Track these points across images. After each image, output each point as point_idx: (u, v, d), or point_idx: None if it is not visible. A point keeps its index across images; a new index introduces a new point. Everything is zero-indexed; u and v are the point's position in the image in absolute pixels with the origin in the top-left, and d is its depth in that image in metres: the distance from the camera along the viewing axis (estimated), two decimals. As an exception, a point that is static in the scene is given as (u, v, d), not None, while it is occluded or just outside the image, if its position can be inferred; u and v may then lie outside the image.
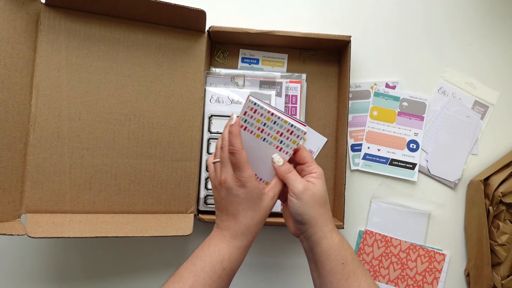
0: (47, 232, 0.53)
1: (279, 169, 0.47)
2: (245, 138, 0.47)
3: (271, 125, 0.47)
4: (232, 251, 0.45)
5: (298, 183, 0.46)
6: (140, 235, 0.56)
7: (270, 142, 0.48)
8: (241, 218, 0.46)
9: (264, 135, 0.47)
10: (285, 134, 0.47)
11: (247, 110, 0.46)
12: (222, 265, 0.44)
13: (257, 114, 0.46)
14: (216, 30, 0.66)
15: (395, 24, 0.75)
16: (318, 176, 0.47)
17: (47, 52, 0.58)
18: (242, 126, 0.47)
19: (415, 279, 0.70)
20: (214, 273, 0.44)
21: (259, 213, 0.46)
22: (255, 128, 0.47)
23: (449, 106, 0.73)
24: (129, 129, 0.62)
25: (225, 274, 0.44)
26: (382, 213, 0.71)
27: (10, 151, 0.54)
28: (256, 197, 0.45)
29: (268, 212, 0.47)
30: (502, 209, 0.67)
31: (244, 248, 0.46)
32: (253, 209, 0.46)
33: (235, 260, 0.45)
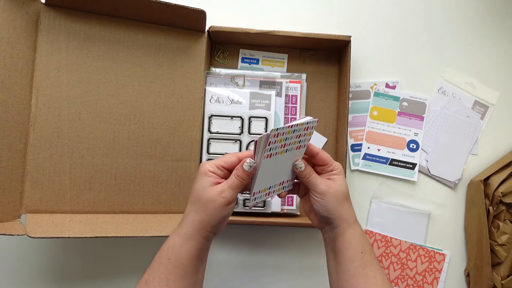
0: (47, 232, 0.53)
1: (301, 174, 0.49)
2: (270, 163, 0.46)
3: (291, 135, 0.46)
4: (175, 240, 0.46)
5: (320, 183, 0.48)
6: (140, 235, 0.56)
7: (291, 149, 0.48)
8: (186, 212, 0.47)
9: (287, 147, 0.47)
10: (302, 133, 0.48)
11: (271, 139, 0.44)
12: (168, 254, 0.45)
13: (280, 136, 0.45)
14: (216, 30, 0.66)
15: (395, 24, 0.75)
16: (339, 173, 0.49)
17: (47, 52, 0.58)
18: (268, 156, 0.45)
19: (415, 279, 0.70)
20: (160, 263, 0.45)
21: (204, 211, 0.45)
22: (278, 149, 0.46)
23: (449, 106, 0.73)
24: (129, 129, 0.62)
25: (171, 265, 0.44)
26: (382, 213, 0.71)
27: (10, 151, 0.54)
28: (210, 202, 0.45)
29: (214, 211, 0.45)
30: (502, 209, 0.67)
31: (188, 238, 0.45)
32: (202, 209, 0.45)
33: (177, 249, 0.45)
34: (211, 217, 0.45)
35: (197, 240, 0.45)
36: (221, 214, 0.45)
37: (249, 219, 0.64)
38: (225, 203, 0.45)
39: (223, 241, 0.70)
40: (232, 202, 0.46)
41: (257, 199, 0.49)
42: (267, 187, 0.49)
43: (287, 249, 0.71)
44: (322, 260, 0.70)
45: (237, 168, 0.46)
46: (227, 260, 0.70)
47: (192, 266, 0.45)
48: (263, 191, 0.49)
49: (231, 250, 0.70)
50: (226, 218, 0.47)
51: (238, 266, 0.70)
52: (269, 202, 0.66)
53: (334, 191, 0.47)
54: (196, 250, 0.45)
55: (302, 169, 0.49)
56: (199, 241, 0.45)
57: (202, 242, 0.46)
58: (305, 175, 0.49)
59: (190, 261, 0.45)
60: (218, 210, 0.45)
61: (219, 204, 0.45)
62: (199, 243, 0.45)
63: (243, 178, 0.46)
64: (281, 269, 0.70)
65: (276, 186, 0.50)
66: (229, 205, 0.45)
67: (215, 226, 0.46)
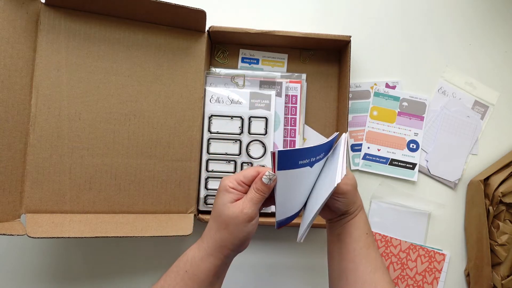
0: (47, 232, 0.53)
1: None
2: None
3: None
4: (195, 253, 0.45)
5: (342, 184, 0.47)
6: (140, 235, 0.56)
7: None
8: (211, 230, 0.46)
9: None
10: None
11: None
12: (186, 266, 0.44)
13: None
14: (216, 30, 0.66)
15: (395, 24, 0.75)
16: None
17: (47, 52, 0.58)
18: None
19: (415, 279, 0.70)
20: (177, 274, 0.44)
21: (226, 229, 0.44)
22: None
23: (449, 106, 0.73)
24: (129, 129, 0.62)
25: (188, 277, 0.43)
26: (382, 213, 0.71)
27: (10, 151, 0.54)
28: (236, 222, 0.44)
29: (236, 228, 0.44)
30: (502, 209, 0.67)
31: (209, 254, 0.44)
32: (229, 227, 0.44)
33: (196, 263, 0.44)
34: (233, 235, 0.43)
35: (217, 257, 0.44)
36: (243, 231, 0.43)
37: (249, 219, 0.64)
38: (247, 220, 0.43)
39: (223, 241, 0.70)
40: (253, 218, 0.44)
41: (305, 232, 0.46)
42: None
43: (287, 249, 0.70)
44: (322, 260, 0.70)
45: (256, 182, 0.44)
46: (227, 260, 0.70)
47: (208, 282, 0.44)
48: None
49: (231, 250, 0.70)
50: (250, 236, 0.45)
51: (237, 266, 0.70)
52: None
53: (350, 187, 0.48)
54: (215, 267, 0.44)
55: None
56: (219, 259, 0.44)
57: (222, 259, 0.44)
58: None
59: (207, 277, 0.44)
60: (240, 227, 0.43)
61: (241, 221, 0.43)
62: (219, 260, 0.44)
63: (263, 192, 0.44)
64: (281, 269, 0.70)
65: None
66: (251, 222, 0.44)
67: (237, 245, 0.44)
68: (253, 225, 0.44)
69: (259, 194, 0.44)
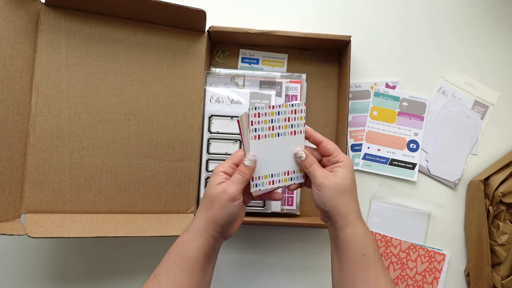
0: (47, 232, 0.53)
1: (302, 164, 0.49)
2: (262, 144, 0.48)
3: (277, 117, 0.48)
4: (184, 235, 0.47)
5: (319, 175, 0.47)
6: (140, 235, 0.56)
7: (283, 133, 0.49)
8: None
9: (276, 130, 0.48)
10: (291, 117, 0.49)
11: (253, 119, 0.47)
12: (177, 249, 0.46)
13: (262, 116, 0.47)
14: (216, 30, 0.66)
15: (395, 24, 0.75)
16: (344, 165, 0.48)
17: (47, 52, 0.58)
18: (256, 137, 0.47)
19: (415, 279, 0.70)
20: (170, 258, 0.46)
21: (211, 208, 0.46)
22: (266, 131, 0.48)
23: (449, 106, 0.73)
24: (129, 129, 0.62)
25: (179, 259, 0.45)
26: (382, 213, 0.71)
27: (10, 151, 0.54)
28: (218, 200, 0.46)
29: (219, 207, 0.46)
30: (502, 209, 0.67)
31: (196, 234, 0.46)
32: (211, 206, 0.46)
33: (185, 244, 0.46)
34: (217, 214, 0.45)
35: (204, 238, 0.46)
36: (226, 211, 0.45)
37: (249, 219, 0.64)
38: (229, 199, 0.45)
39: (223, 241, 0.70)
40: (235, 198, 0.45)
41: (259, 185, 0.49)
42: (269, 175, 0.49)
43: (287, 249, 0.70)
44: (322, 260, 0.70)
45: (240, 165, 0.47)
46: (227, 260, 0.70)
47: (199, 264, 0.45)
48: (264, 177, 0.49)
49: (231, 250, 0.70)
50: (232, 219, 0.47)
51: (238, 266, 0.70)
52: (269, 202, 0.66)
53: (332, 184, 0.46)
54: (204, 248, 0.46)
55: (302, 158, 0.49)
56: (206, 239, 0.46)
57: (209, 241, 0.46)
58: (305, 165, 0.49)
59: (197, 257, 0.45)
60: (223, 206, 0.45)
61: (224, 199, 0.45)
62: (206, 241, 0.46)
63: (244, 173, 0.47)
64: (281, 269, 0.70)
65: (281, 176, 0.50)
66: (233, 202, 0.45)
67: (221, 225, 0.46)
68: (236, 206, 0.46)
69: (241, 175, 0.46)
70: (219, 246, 0.49)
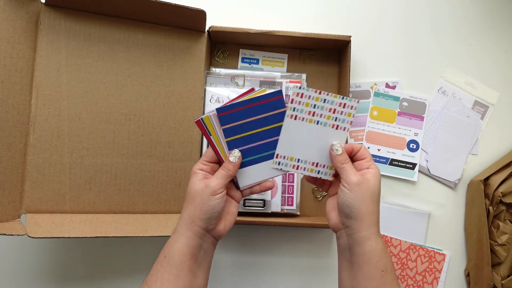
0: (47, 232, 0.53)
1: (336, 158, 0.47)
2: (298, 127, 0.47)
3: (322, 104, 0.46)
4: (170, 238, 0.46)
5: (353, 175, 0.45)
6: (140, 235, 0.56)
7: (324, 123, 0.47)
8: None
9: (317, 117, 0.47)
10: (338, 110, 0.47)
11: (294, 97, 0.46)
12: (164, 252, 0.45)
13: (305, 98, 0.46)
14: (216, 30, 0.66)
15: (395, 24, 0.75)
16: (375, 174, 0.46)
17: (47, 52, 0.58)
18: (292, 116, 0.46)
19: (415, 279, 0.70)
20: (158, 261, 0.45)
21: (192, 204, 0.46)
22: (305, 114, 0.47)
23: (449, 106, 0.73)
24: (129, 129, 0.62)
25: (166, 262, 0.44)
26: (382, 213, 0.71)
27: (10, 151, 0.54)
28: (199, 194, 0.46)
29: (201, 201, 0.45)
30: (502, 209, 0.67)
31: (180, 234, 0.45)
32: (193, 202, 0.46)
33: (171, 245, 0.45)
34: (198, 208, 0.45)
35: (187, 236, 0.45)
36: (208, 204, 0.44)
37: (249, 219, 0.64)
38: (210, 193, 0.44)
39: (222, 240, 0.70)
40: (217, 191, 0.45)
41: (281, 164, 0.48)
42: (295, 158, 0.48)
43: (287, 249, 0.70)
44: (322, 260, 0.70)
45: (226, 161, 0.47)
46: (227, 260, 0.70)
47: (186, 266, 0.44)
48: (289, 159, 0.48)
49: (231, 250, 0.70)
50: (215, 213, 0.45)
51: (238, 266, 0.70)
52: (269, 202, 0.66)
53: (365, 188, 0.44)
54: (188, 248, 0.44)
55: (338, 152, 0.47)
56: (189, 237, 0.45)
57: (194, 239, 0.45)
58: (340, 160, 0.46)
59: (183, 259, 0.44)
60: (205, 200, 0.44)
61: (205, 194, 0.45)
62: (190, 239, 0.45)
63: (229, 169, 0.46)
64: (281, 269, 0.70)
65: (308, 164, 0.48)
66: (215, 195, 0.45)
67: (203, 220, 0.45)
68: (217, 200, 0.45)
69: (225, 170, 0.46)
70: (209, 247, 0.47)
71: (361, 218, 0.43)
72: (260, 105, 0.47)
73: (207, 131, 0.48)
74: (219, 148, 0.48)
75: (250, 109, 0.47)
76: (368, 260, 0.43)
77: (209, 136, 0.48)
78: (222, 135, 0.47)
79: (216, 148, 0.48)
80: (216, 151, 0.48)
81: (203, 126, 0.47)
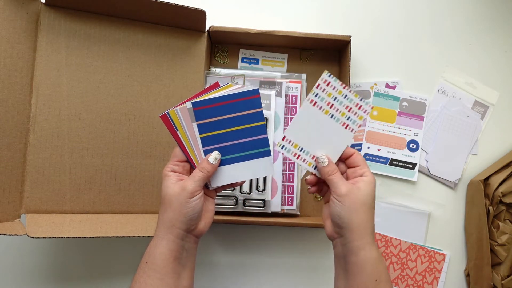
0: (47, 232, 0.53)
1: (323, 170, 0.47)
2: (313, 114, 0.46)
3: (342, 99, 0.46)
4: (151, 243, 0.45)
5: (342, 185, 0.45)
6: (140, 235, 0.56)
7: (337, 119, 0.47)
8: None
9: (333, 111, 0.47)
10: (353, 110, 0.47)
11: (321, 82, 0.46)
12: (145, 258, 0.45)
13: (330, 87, 0.46)
14: (216, 30, 0.66)
15: (395, 24, 0.75)
16: (368, 182, 0.45)
17: (47, 52, 0.58)
18: (312, 101, 0.46)
19: (415, 279, 0.70)
20: (140, 268, 0.45)
21: (170, 208, 0.45)
22: (324, 104, 0.46)
23: (449, 106, 0.73)
24: (129, 129, 0.62)
25: (148, 267, 0.44)
26: (382, 213, 0.71)
27: (10, 151, 0.54)
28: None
29: (179, 205, 0.44)
30: (502, 209, 0.67)
31: (160, 238, 0.44)
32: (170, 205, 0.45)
33: (152, 251, 0.44)
34: (177, 211, 0.44)
35: (168, 240, 0.44)
36: (187, 207, 0.44)
37: (249, 219, 0.64)
38: (188, 196, 0.44)
39: (222, 241, 0.70)
40: (194, 193, 0.44)
41: (285, 148, 0.47)
42: (299, 146, 0.48)
43: (287, 250, 0.70)
44: (322, 260, 0.70)
45: (202, 161, 0.47)
46: (227, 260, 0.70)
47: (169, 269, 0.44)
48: (294, 146, 0.48)
49: (231, 250, 0.70)
50: (195, 214, 0.45)
51: (237, 266, 0.70)
52: (269, 202, 0.66)
53: (355, 197, 0.43)
54: (170, 251, 0.44)
55: (325, 164, 0.46)
56: (171, 240, 0.44)
57: (175, 241, 0.44)
58: (327, 171, 0.46)
59: (165, 263, 0.44)
60: (183, 203, 0.44)
61: (183, 197, 0.44)
62: (171, 242, 0.44)
63: (207, 170, 0.46)
64: (281, 269, 0.70)
65: (308, 156, 0.48)
66: (193, 197, 0.44)
67: (184, 222, 0.44)
68: (196, 201, 0.45)
69: (203, 172, 0.46)
70: (192, 246, 0.47)
71: (353, 228, 0.43)
72: (237, 102, 0.46)
73: (174, 126, 0.46)
74: (187, 145, 0.47)
75: (227, 106, 0.46)
76: (362, 269, 0.43)
77: (176, 132, 0.46)
78: (192, 131, 0.46)
79: (184, 145, 0.47)
80: (184, 148, 0.47)
81: (169, 121, 0.46)
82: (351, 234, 0.43)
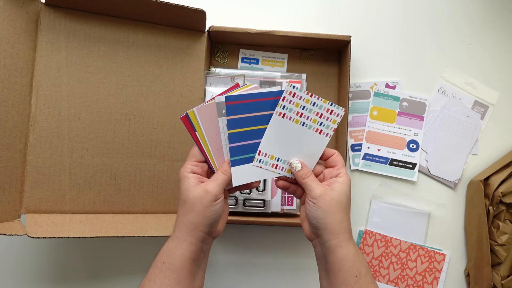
0: (47, 232, 0.53)
1: (297, 174, 0.48)
2: (284, 125, 0.47)
3: (311, 107, 0.47)
4: (169, 243, 0.45)
5: (316, 188, 0.46)
6: (140, 235, 0.56)
7: (309, 126, 0.47)
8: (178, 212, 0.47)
9: (303, 119, 0.47)
10: (325, 115, 0.47)
11: (286, 95, 0.46)
12: (162, 258, 0.45)
13: (296, 98, 0.46)
14: (216, 30, 0.66)
15: (395, 24, 0.75)
16: (343, 182, 0.46)
17: (47, 52, 0.58)
18: (281, 114, 0.46)
19: (415, 279, 0.70)
20: (156, 267, 0.45)
21: (193, 211, 0.45)
22: (293, 114, 0.47)
23: (449, 106, 0.73)
24: (129, 129, 0.62)
25: (165, 268, 0.44)
26: (382, 213, 0.71)
27: (10, 151, 0.54)
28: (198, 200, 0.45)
29: (203, 208, 0.44)
30: (502, 209, 0.67)
31: (181, 240, 0.44)
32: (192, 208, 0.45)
33: (171, 251, 0.44)
34: (201, 215, 0.44)
35: (189, 242, 0.44)
36: (210, 210, 0.44)
37: (249, 219, 0.64)
38: (212, 199, 0.44)
39: (222, 241, 0.70)
40: (218, 197, 0.45)
41: (262, 162, 0.48)
42: (275, 157, 0.48)
43: (287, 249, 0.70)
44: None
45: (221, 165, 0.47)
46: (227, 260, 0.70)
47: (186, 270, 0.44)
48: (270, 157, 0.48)
49: (231, 250, 0.70)
50: (218, 217, 0.46)
51: (237, 266, 0.70)
52: (269, 202, 0.66)
53: (329, 199, 0.44)
54: (190, 253, 0.44)
55: (297, 169, 0.47)
56: (192, 243, 0.45)
57: (196, 244, 0.45)
58: (301, 175, 0.47)
59: (184, 264, 0.44)
60: (207, 207, 0.44)
61: (206, 200, 0.44)
62: (192, 245, 0.45)
63: (229, 172, 0.47)
64: (281, 269, 0.70)
65: (286, 164, 0.49)
66: (216, 201, 0.45)
67: (207, 225, 0.45)
68: (219, 204, 0.45)
69: (225, 174, 0.46)
70: (208, 247, 0.47)
71: (329, 228, 0.44)
72: (265, 101, 0.46)
73: (192, 126, 0.46)
74: (204, 144, 0.47)
75: (256, 104, 0.46)
76: (341, 267, 0.44)
77: (194, 132, 0.46)
78: (215, 128, 0.46)
79: (201, 145, 0.47)
80: (201, 148, 0.47)
81: (188, 121, 0.46)
82: (327, 234, 0.44)
